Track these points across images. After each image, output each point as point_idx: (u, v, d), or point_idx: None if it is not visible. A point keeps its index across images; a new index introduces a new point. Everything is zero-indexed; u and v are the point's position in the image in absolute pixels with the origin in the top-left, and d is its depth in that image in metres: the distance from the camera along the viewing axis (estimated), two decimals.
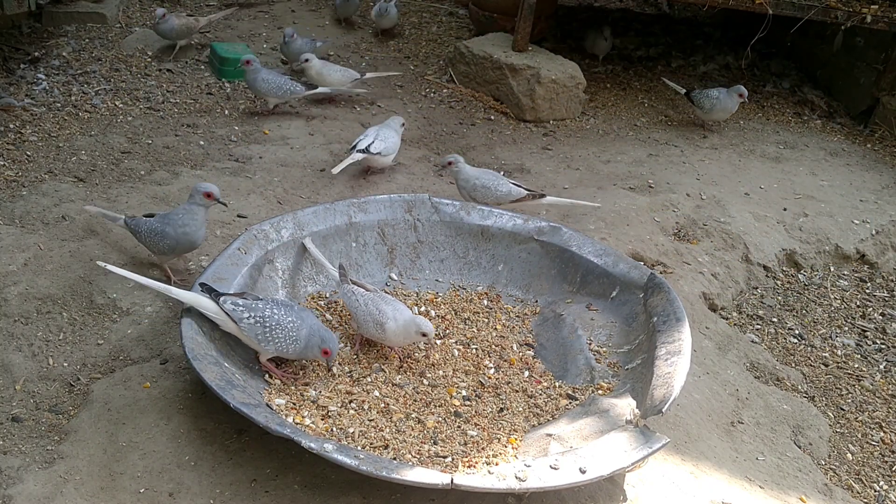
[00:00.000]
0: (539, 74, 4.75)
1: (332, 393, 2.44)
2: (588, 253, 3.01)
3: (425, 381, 2.54)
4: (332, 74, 4.52)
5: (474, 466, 2.16)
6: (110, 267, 2.48)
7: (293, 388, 2.44)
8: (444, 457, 2.21)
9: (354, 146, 3.79)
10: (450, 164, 3.45)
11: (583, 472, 2.03)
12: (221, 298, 2.39)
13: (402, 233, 3.09)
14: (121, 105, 4.28)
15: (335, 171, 3.71)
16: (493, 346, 2.75)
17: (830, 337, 3.47)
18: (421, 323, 2.53)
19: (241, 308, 2.38)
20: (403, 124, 4.02)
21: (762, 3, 4.61)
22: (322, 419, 2.31)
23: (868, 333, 3.53)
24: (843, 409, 3.08)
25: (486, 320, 2.89)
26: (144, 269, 2.96)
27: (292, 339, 2.39)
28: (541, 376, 2.64)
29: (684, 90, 4.87)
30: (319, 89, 4.44)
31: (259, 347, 2.42)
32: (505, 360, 2.70)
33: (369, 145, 3.76)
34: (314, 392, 2.43)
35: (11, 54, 4.60)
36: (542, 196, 3.47)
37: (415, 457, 2.19)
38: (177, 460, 2.18)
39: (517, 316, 2.96)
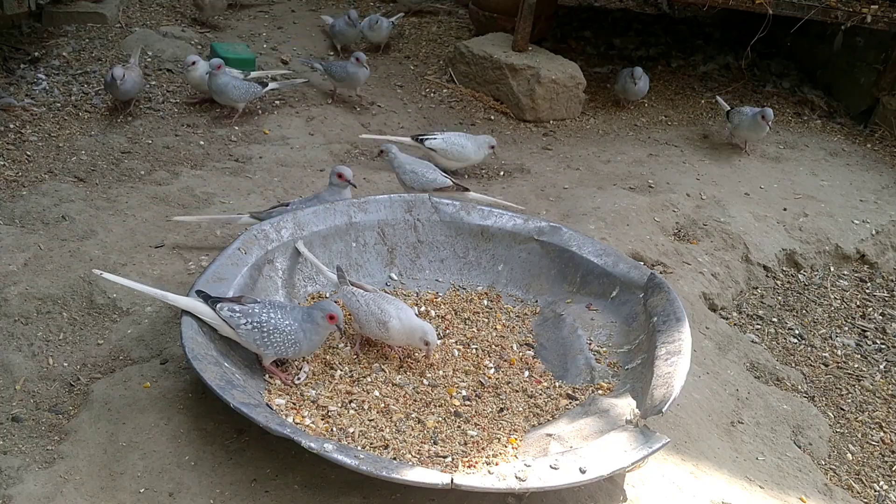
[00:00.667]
0: (539, 74, 4.75)
1: (332, 393, 2.44)
2: (588, 253, 3.01)
3: (425, 381, 2.54)
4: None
5: (474, 466, 2.16)
6: (106, 275, 2.45)
7: (293, 388, 2.44)
8: (444, 457, 2.21)
9: (418, 135, 4.00)
10: (381, 152, 3.63)
11: (583, 472, 2.03)
12: (218, 305, 2.38)
13: (402, 233, 3.09)
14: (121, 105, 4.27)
15: (364, 136, 4.04)
16: (493, 346, 2.76)
17: (830, 337, 3.47)
18: (427, 330, 2.50)
19: (237, 314, 2.37)
20: (493, 147, 4.00)
21: (762, 3, 4.61)
22: (322, 419, 2.32)
23: (868, 333, 3.53)
24: (843, 409, 3.08)
25: (486, 320, 2.89)
26: (143, 268, 2.96)
27: (291, 343, 2.39)
28: (541, 376, 2.64)
29: (728, 108, 4.70)
30: (270, 85, 4.39)
31: (259, 351, 2.42)
32: (505, 360, 2.70)
33: (426, 138, 3.93)
34: (314, 392, 2.43)
35: (11, 54, 4.60)
36: (467, 190, 3.58)
37: (415, 457, 2.19)
38: (177, 460, 2.18)
39: (517, 316, 2.96)
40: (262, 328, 2.36)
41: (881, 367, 3.34)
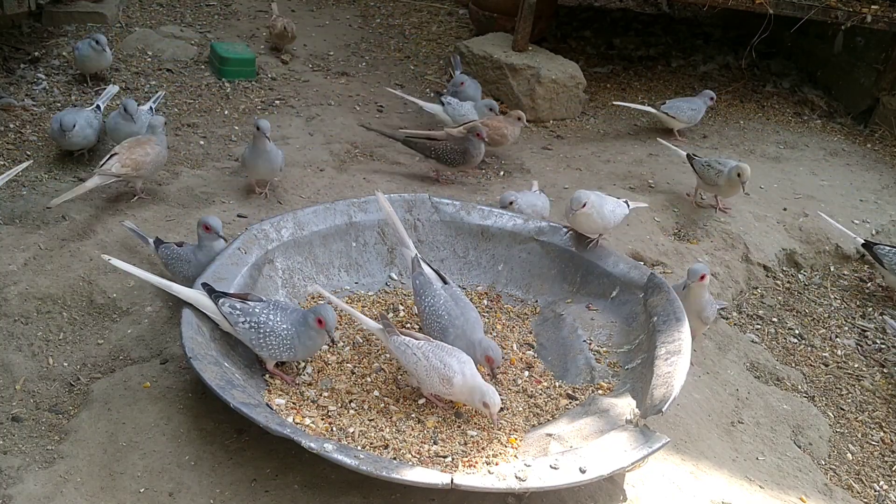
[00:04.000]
0: (539, 74, 4.75)
1: (332, 393, 2.43)
2: (588, 252, 3.01)
3: None
4: None
5: (474, 466, 2.16)
6: (115, 261, 2.49)
7: (293, 387, 2.44)
8: (444, 457, 2.21)
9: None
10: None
11: (583, 471, 2.03)
12: (220, 300, 2.39)
13: None
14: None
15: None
16: None
17: (830, 337, 3.47)
18: (486, 392, 2.27)
19: (237, 312, 2.37)
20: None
21: (762, 3, 4.61)
22: (322, 419, 2.31)
23: (868, 333, 3.52)
24: (843, 409, 3.08)
25: (487, 320, 2.89)
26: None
27: (287, 347, 2.38)
28: (541, 376, 2.64)
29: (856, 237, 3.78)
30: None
31: (255, 351, 2.42)
32: (505, 360, 2.69)
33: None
34: (314, 392, 2.43)
35: (11, 54, 4.60)
36: None
37: (415, 457, 2.19)
38: (177, 460, 2.18)
39: (517, 316, 2.96)
40: (258, 329, 2.36)
41: (881, 367, 3.34)
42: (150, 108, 3.83)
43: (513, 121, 4.15)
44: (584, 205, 2.90)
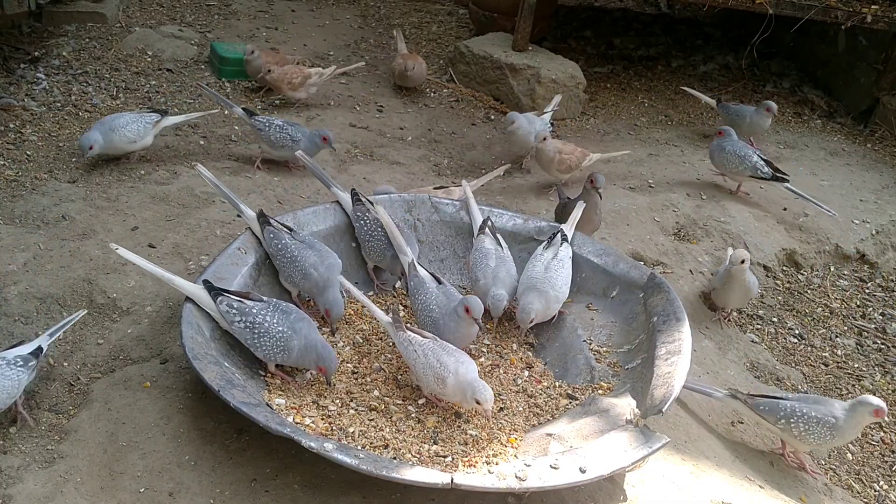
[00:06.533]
0: (539, 74, 4.75)
1: (331, 393, 2.43)
2: (588, 252, 3.01)
3: None
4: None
5: (474, 466, 2.16)
6: (122, 251, 2.50)
7: (293, 387, 2.44)
8: (444, 456, 2.21)
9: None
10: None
11: (583, 471, 2.03)
12: (219, 298, 2.39)
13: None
14: (121, 105, 4.27)
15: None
16: (493, 346, 2.75)
17: (830, 337, 3.47)
18: (478, 388, 2.25)
19: (234, 311, 2.38)
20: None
21: (762, 3, 4.61)
22: (322, 419, 2.31)
23: (868, 333, 3.52)
24: None
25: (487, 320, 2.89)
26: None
27: (280, 349, 2.38)
28: (541, 376, 2.64)
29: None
30: None
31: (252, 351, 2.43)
32: (505, 360, 2.69)
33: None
34: (314, 392, 2.43)
35: (11, 54, 4.60)
36: None
37: (415, 456, 2.19)
38: (177, 460, 2.18)
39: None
40: (253, 329, 2.36)
41: (881, 367, 3.34)
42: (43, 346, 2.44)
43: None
44: (532, 320, 2.71)
